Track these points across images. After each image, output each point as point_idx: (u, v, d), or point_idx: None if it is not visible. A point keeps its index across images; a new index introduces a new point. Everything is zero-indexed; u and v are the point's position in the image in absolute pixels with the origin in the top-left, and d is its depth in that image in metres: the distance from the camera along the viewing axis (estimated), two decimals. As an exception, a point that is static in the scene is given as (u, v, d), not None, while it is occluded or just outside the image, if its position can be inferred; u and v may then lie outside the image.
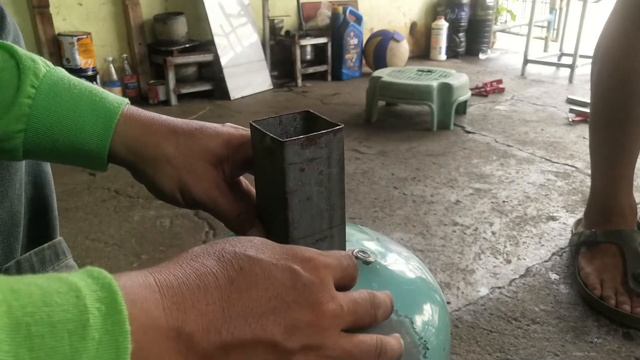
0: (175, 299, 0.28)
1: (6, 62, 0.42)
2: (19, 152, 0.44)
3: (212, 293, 0.29)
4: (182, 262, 0.31)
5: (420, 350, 0.41)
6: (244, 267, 0.31)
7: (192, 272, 0.30)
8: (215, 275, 0.30)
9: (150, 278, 0.29)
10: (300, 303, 0.31)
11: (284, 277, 0.32)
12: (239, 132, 0.46)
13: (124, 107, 0.45)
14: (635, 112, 1.05)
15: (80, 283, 0.25)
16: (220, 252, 0.32)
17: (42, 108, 0.43)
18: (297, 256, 0.33)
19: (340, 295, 0.34)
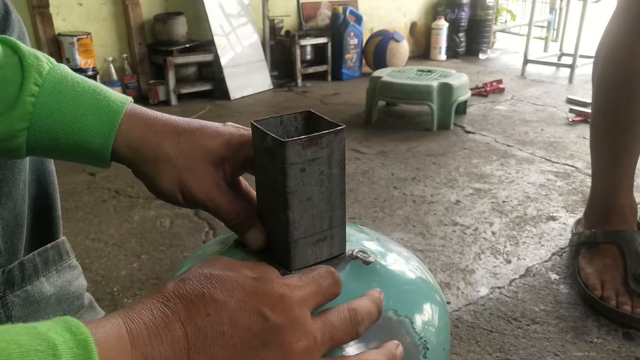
0: (144, 349, 0.30)
1: (9, 58, 0.42)
2: (22, 150, 0.44)
3: (179, 342, 0.30)
4: (154, 306, 0.32)
5: (420, 350, 0.41)
6: (210, 313, 0.32)
7: (161, 320, 0.31)
8: (183, 324, 0.31)
9: (124, 329, 0.30)
10: (268, 345, 0.32)
11: (251, 322, 0.32)
12: (240, 132, 0.46)
13: (128, 106, 0.45)
14: (636, 113, 1.05)
15: (57, 339, 0.26)
16: (189, 296, 0.32)
17: (45, 106, 0.42)
18: (269, 296, 0.33)
19: (314, 326, 0.34)
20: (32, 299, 0.62)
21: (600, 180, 1.14)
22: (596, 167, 1.15)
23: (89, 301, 0.73)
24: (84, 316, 0.71)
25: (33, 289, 0.62)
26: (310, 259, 0.43)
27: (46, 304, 0.63)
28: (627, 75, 1.04)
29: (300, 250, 0.42)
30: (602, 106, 1.11)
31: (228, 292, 0.33)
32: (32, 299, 0.62)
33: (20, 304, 0.60)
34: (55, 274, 0.66)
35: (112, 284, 1.14)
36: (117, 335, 0.29)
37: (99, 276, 1.17)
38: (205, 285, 0.33)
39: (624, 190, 1.11)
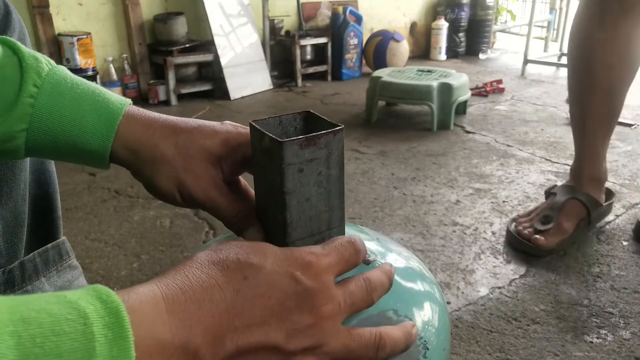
0: (182, 315, 0.29)
1: (8, 59, 0.42)
2: (21, 152, 0.44)
3: (218, 305, 0.30)
4: (188, 272, 0.32)
5: (420, 350, 0.41)
6: (248, 276, 0.32)
7: (198, 284, 0.31)
8: (221, 287, 0.31)
9: (158, 293, 0.29)
10: (301, 308, 0.33)
11: (286, 285, 0.33)
12: (238, 131, 0.46)
13: (126, 108, 0.45)
14: (593, 84, 1.23)
15: (88, 308, 0.26)
16: (224, 262, 0.33)
17: (44, 107, 0.42)
18: (298, 262, 0.34)
19: (338, 292, 0.35)
20: (33, 299, 0.61)
21: (575, 146, 1.34)
22: (573, 135, 1.34)
23: (89, 301, 0.73)
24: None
25: (33, 289, 0.62)
26: (309, 260, 0.43)
27: (46, 304, 0.63)
28: (584, 51, 1.22)
29: (299, 251, 0.42)
30: (569, 81, 1.30)
31: (262, 257, 0.33)
32: (33, 299, 0.61)
33: (21, 304, 0.60)
34: (55, 274, 0.66)
35: (112, 284, 1.14)
36: (152, 302, 0.29)
37: (99, 276, 1.17)
38: (238, 252, 0.34)
39: (587, 159, 1.31)
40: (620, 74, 1.21)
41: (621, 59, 1.19)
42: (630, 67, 1.21)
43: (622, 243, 1.31)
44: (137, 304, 0.28)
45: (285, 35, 3.21)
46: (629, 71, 1.22)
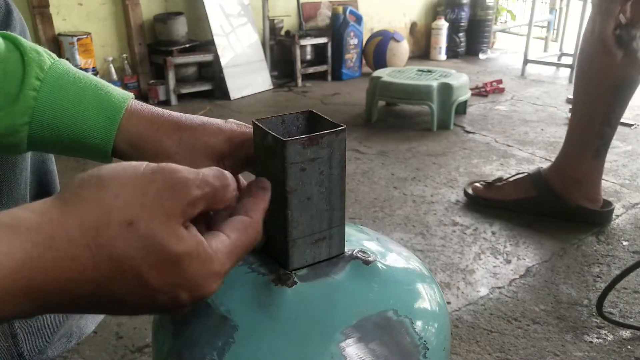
0: (37, 302, 0.27)
1: (11, 53, 0.42)
2: (23, 145, 0.44)
3: (82, 298, 0.29)
4: (79, 256, 0.28)
5: (420, 350, 0.41)
6: (132, 289, 0.29)
7: (77, 276, 0.28)
8: (98, 286, 0.29)
9: (21, 280, 0.26)
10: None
11: (167, 302, 0.31)
12: (241, 129, 0.46)
13: (129, 102, 0.45)
14: (589, 88, 1.31)
15: None
16: (122, 261, 0.29)
17: (47, 100, 0.42)
18: (194, 288, 0.31)
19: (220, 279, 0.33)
20: (33, 298, 0.61)
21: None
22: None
23: (89, 301, 0.73)
24: (84, 316, 0.71)
25: (33, 289, 0.62)
26: (309, 259, 0.43)
27: (46, 304, 0.63)
28: (588, 52, 1.29)
29: (299, 250, 0.42)
30: (576, 83, 1.37)
31: (159, 274, 0.30)
32: (33, 298, 0.61)
33: (21, 304, 0.60)
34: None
35: (112, 284, 1.14)
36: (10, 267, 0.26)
37: (99, 276, 1.17)
38: (137, 250, 0.29)
39: (562, 148, 1.41)
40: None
41: None
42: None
43: (622, 243, 1.31)
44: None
45: (285, 35, 3.21)
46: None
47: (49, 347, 0.65)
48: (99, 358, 0.93)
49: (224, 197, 0.34)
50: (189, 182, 0.31)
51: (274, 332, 0.38)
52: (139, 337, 0.98)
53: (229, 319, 0.39)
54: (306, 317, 0.39)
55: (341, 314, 0.39)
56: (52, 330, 0.65)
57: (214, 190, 0.33)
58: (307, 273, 0.42)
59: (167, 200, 0.30)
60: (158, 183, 0.30)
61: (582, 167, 1.35)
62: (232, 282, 0.41)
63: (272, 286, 0.40)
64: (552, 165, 1.42)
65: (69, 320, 0.68)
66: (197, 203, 0.31)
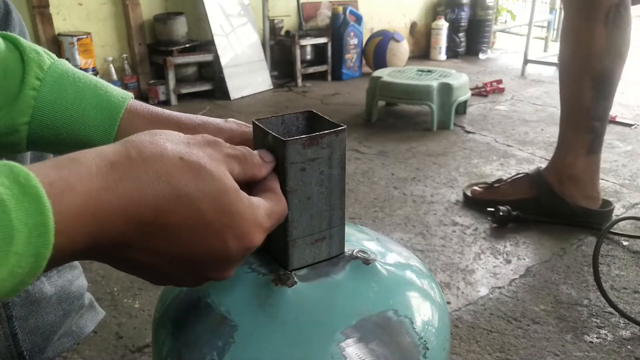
0: (104, 224, 0.28)
1: (10, 53, 0.42)
2: (23, 145, 0.44)
3: (143, 226, 0.30)
4: (139, 178, 0.30)
5: (420, 350, 0.41)
6: (187, 219, 0.31)
7: (138, 198, 0.29)
8: (156, 213, 0.30)
9: (92, 199, 0.28)
10: (212, 266, 0.34)
11: (215, 246, 0.32)
12: (242, 129, 0.46)
13: (129, 102, 0.45)
14: (568, 80, 1.34)
15: (5, 195, 0.24)
16: (179, 187, 0.31)
17: (46, 100, 0.43)
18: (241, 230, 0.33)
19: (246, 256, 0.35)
20: (33, 298, 0.62)
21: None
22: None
23: (89, 301, 0.73)
24: (84, 316, 0.71)
25: (34, 288, 0.62)
26: (309, 259, 0.43)
27: (47, 303, 0.64)
28: (569, 43, 1.32)
29: (299, 250, 0.42)
30: (559, 80, 1.39)
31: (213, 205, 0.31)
32: (33, 298, 0.62)
33: (21, 304, 0.60)
34: (55, 274, 0.66)
35: (112, 284, 1.14)
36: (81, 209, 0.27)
37: (99, 276, 1.17)
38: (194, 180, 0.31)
39: (557, 146, 1.41)
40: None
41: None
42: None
43: (622, 243, 1.31)
44: (67, 207, 0.27)
45: (285, 35, 3.21)
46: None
47: (48, 346, 0.65)
48: (99, 358, 0.93)
49: (252, 162, 0.36)
50: (219, 141, 0.35)
51: (274, 332, 0.38)
52: (139, 337, 0.98)
53: (229, 319, 0.39)
54: (306, 317, 0.39)
55: (341, 314, 0.39)
56: (52, 330, 0.65)
57: (244, 155, 0.36)
58: (307, 273, 0.42)
59: (208, 149, 0.34)
60: (198, 138, 0.34)
61: (578, 163, 1.35)
62: (232, 282, 0.41)
63: (272, 286, 0.40)
64: (549, 164, 1.43)
65: (69, 320, 0.68)
66: (231, 159, 0.35)
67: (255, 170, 0.36)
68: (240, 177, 0.35)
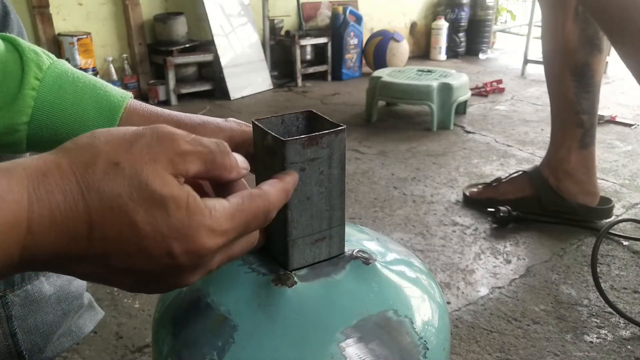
0: (38, 237, 0.27)
1: (10, 53, 0.42)
2: (22, 145, 0.44)
3: (79, 241, 0.28)
4: (71, 191, 0.28)
5: (420, 350, 0.41)
6: (123, 231, 0.29)
7: (70, 212, 0.28)
8: (91, 227, 0.28)
9: (24, 212, 0.27)
10: (164, 274, 0.31)
11: (159, 256, 0.30)
12: (242, 128, 0.46)
13: (128, 102, 0.45)
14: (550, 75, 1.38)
15: None
16: (112, 199, 0.28)
17: (46, 100, 0.43)
18: (185, 238, 0.30)
19: (215, 261, 0.33)
20: (32, 298, 0.62)
21: None
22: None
23: (88, 301, 0.73)
24: (83, 316, 0.71)
25: (33, 288, 0.62)
26: (309, 259, 0.43)
27: (46, 303, 0.63)
28: (548, 41, 1.34)
29: (299, 250, 0.42)
30: (545, 77, 1.40)
31: (150, 217, 0.29)
32: (32, 298, 0.62)
33: (20, 304, 0.60)
34: (55, 274, 0.66)
35: (112, 283, 1.14)
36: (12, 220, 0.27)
37: (99, 276, 1.17)
38: (128, 190, 0.29)
39: (552, 144, 1.42)
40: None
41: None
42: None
43: (622, 243, 1.31)
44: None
45: (285, 35, 3.21)
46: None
47: (48, 346, 0.65)
48: (98, 358, 0.93)
49: (222, 161, 0.33)
50: (176, 135, 0.31)
51: (274, 332, 0.38)
52: (139, 337, 0.98)
53: (229, 319, 0.39)
54: (306, 317, 0.39)
55: (341, 314, 0.39)
56: (51, 330, 0.65)
57: (210, 152, 0.32)
58: (307, 273, 0.42)
59: (154, 148, 0.30)
60: (147, 136, 0.31)
61: (571, 158, 1.37)
62: (232, 282, 0.41)
63: (272, 286, 0.40)
64: (544, 161, 1.44)
65: (68, 320, 0.68)
66: (187, 157, 0.31)
67: (224, 172, 0.33)
68: (201, 176, 0.32)
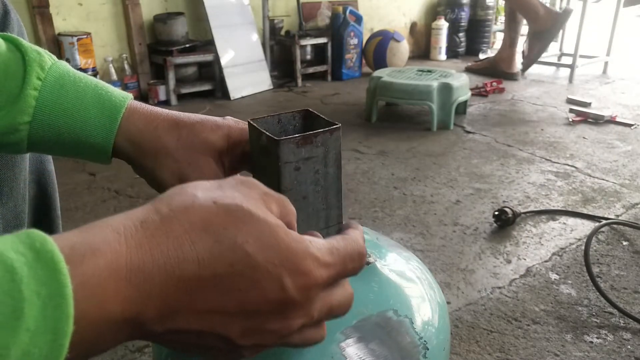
0: (142, 286, 0.25)
1: (11, 53, 0.43)
2: (23, 145, 0.44)
3: (187, 282, 0.26)
4: (172, 230, 0.27)
5: (420, 350, 0.41)
6: (234, 264, 0.27)
7: (175, 253, 0.26)
8: (199, 265, 0.27)
9: (122, 259, 0.25)
10: (273, 315, 0.29)
11: (270, 290, 0.28)
12: (239, 126, 0.47)
13: (129, 102, 0.45)
14: None
15: (17, 264, 0.22)
16: (218, 233, 0.27)
17: (47, 100, 0.43)
18: (295, 266, 0.29)
19: (317, 306, 0.31)
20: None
21: None
22: None
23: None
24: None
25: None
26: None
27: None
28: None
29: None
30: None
31: (261, 247, 0.28)
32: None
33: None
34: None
35: (111, 284, 1.14)
36: (110, 266, 0.25)
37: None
38: (240, 226, 0.28)
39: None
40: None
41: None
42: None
43: (622, 243, 1.31)
44: (92, 270, 0.24)
45: (285, 35, 3.21)
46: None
47: None
48: (99, 358, 0.93)
49: (291, 208, 0.33)
50: (255, 182, 0.32)
51: (273, 332, 0.37)
52: (139, 337, 0.98)
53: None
54: (305, 317, 0.38)
55: (340, 314, 0.39)
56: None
57: (281, 199, 0.32)
58: (306, 273, 0.42)
59: (242, 188, 0.31)
60: (229, 180, 0.32)
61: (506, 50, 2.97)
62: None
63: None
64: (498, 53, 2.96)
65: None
66: (269, 199, 0.31)
67: (292, 217, 0.33)
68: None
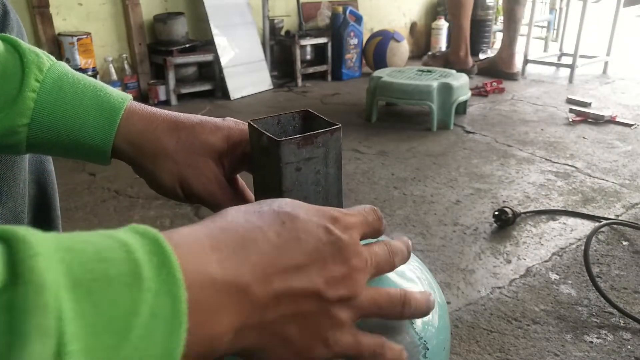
0: (227, 252, 0.29)
1: (10, 54, 0.42)
2: (22, 146, 0.44)
3: (262, 245, 0.30)
4: (225, 220, 0.31)
5: (420, 350, 0.41)
6: (285, 221, 0.32)
7: (240, 226, 0.31)
8: (262, 229, 0.31)
9: (200, 233, 0.29)
10: (334, 257, 0.33)
11: (320, 233, 0.33)
12: (239, 127, 0.46)
13: (128, 103, 0.45)
14: None
15: (129, 239, 0.25)
16: (259, 211, 0.32)
17: (46, 102, 0.43)
18: (327, 215, 0.34)
19: (364, 250, 0.35)
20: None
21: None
22: None
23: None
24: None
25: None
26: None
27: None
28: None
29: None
30: None
31: (294, 207, 0.33)
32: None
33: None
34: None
35: (111, 284, 1.14)
36: (195, 239, 0.28)
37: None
38: (271, 203, 0.33)
39: None
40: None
41: None
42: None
43: (622, 243, 1.31)
44: (178, 239, 0.27)
45: (285, 35, 3.21)
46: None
47: None
48: None
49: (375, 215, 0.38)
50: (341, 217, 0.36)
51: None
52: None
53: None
54: (304, 317, 0.38)
55: (339, 314, 0.39)
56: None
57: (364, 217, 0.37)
58: (305, 273, 0.42)
59: (350, 232, 0.35)
60: (327, 222, 0.35)
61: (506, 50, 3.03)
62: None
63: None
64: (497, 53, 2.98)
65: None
66: (363, 226, 0.36)
67: (378, 224, 0.38)
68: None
